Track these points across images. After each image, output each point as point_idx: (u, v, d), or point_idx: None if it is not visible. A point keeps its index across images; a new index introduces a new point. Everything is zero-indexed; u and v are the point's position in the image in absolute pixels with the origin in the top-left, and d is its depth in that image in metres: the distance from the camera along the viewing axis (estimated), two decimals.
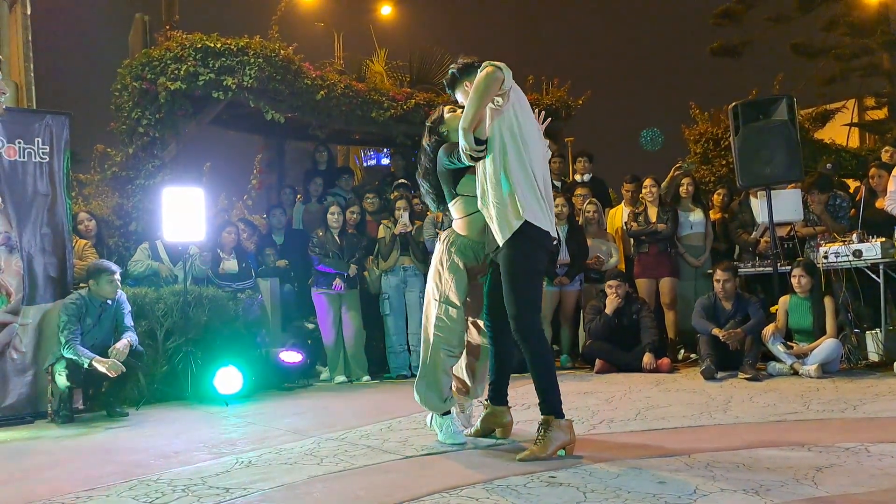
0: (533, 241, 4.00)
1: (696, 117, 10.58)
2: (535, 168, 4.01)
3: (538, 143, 4.15)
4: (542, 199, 4.02)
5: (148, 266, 7.37)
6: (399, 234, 7.88)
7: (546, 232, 4.04)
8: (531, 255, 4.03)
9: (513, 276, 4.01)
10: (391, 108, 9.47)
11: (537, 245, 4.05)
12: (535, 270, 4.11)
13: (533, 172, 3.99)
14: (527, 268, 4.03)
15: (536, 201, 3.98)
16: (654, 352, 7.27)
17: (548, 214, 4.07)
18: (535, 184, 3.99)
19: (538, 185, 4.01)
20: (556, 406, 3.97)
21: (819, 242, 7.33)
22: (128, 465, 4.18)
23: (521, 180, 3.95)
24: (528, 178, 3.97)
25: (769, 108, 7.59)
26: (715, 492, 3.09)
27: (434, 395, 4.37)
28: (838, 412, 4.83)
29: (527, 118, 4.07)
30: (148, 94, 8.06)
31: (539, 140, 4.18)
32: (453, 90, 4.35)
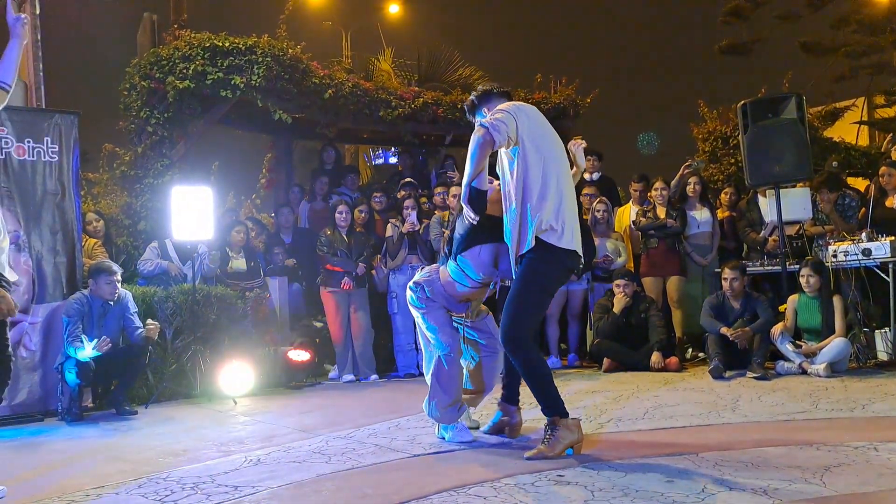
0: (552, 260, 4.00)
1: (704, 115, 10.54)
2: (560, 187, 4.02)
3: (560, 163, 4.12)
4: (567, 219, 4.01)
5: (157, 265, 7.39)
6: (406, 232, 7.89)
7: (570, 251, 4.02)
8: (546, 274, 4.04)
9: (520, 288, 4.02)
10: (399, 106, 9.48)
11: (557, 264, 4.05)
12: (545, 289, 4.11)
13: (559, 191, 3.99)
14: (537, 284, 4.03)
15: (561, 221, 3.97)
16: (662, 351, 7.26)
17: (573, 233, 4.05)
18: (560, 204, 3.98)
19: (564, 204, 4.00)
20: (558, 407, 3.97)
21: (828, 241, 7.31)
22: (137, 462, 4.20)
23: (544, 202, 3.95)
24: (551, 198, 3.96)
25: (778, 106, 7.57)
26: (723, 491, 3.09)
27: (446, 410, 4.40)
28: (847, 411, 4.82)
29: (543, 142, 4.03)
30: (156, 93, 8.08)
31: (561, 159, 4.15)
32: (472, 116, 4.35)
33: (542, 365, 4.09)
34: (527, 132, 3.99)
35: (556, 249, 3.97)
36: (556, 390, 4.03)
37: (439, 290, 4.44)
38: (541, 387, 4.02)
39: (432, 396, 4.44)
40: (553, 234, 3.96)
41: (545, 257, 3.97)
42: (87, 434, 5.35)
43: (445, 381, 4.40)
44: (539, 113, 4.17)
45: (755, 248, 8.04)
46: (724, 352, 6.74)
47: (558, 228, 3.96)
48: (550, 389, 4.00)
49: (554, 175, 4.01)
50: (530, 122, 4.03)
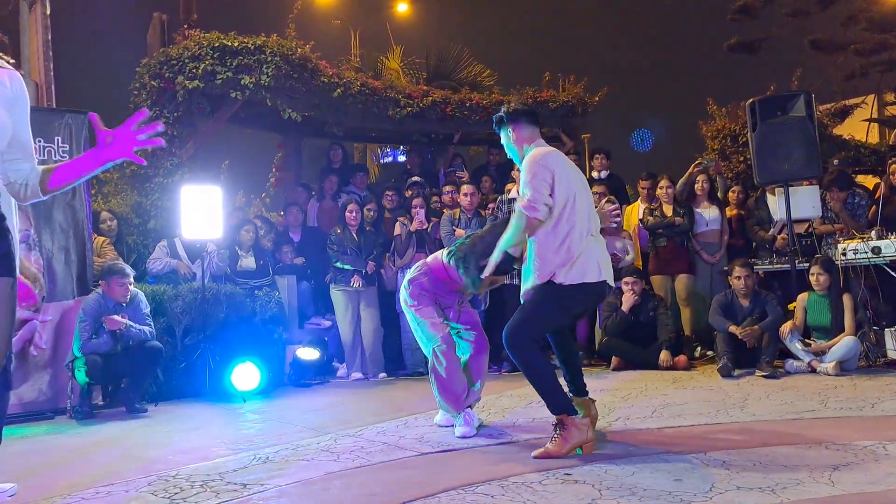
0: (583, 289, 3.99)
1: (713, 113, 10.52)
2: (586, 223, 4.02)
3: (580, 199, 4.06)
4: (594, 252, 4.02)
5: (166, 263, 7.42)
6: (415, 231, 7.90)
7: (599, 282, 4.02)
8: (569, 298, 4.03)
9: (540, 299, 4.02)
10: (407, 105, 9.49)
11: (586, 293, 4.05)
12: (564, 309, 4.10)
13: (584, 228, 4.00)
14: (557, 304, 4.02)
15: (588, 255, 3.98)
16: (671, 349, 7.25)
17: (603, 264, 4.05)
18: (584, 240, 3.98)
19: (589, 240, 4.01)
20: (565, 406, 3.96)
21: (837, 239, 7.28)
22: (146, 460, 4.22)
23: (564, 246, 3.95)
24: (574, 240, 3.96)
25: (787, 104, 7.54)
26: (731, 489, 3.09)
27: (445, 396, 4.55)
28: (856, 410, 4.81)
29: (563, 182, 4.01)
30: (166, 92, 8.12)
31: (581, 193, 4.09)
32: (499, 130, 4.33)
33: (544, 365, 4.05)
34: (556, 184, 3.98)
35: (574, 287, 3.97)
36: (561, 389, 4.02)
37: (432, 280, 4.62)
38: (544, 387, 4.00)
39: (438, 391, 4.60)
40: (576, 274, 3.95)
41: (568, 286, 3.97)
42: (98, 431, 5.38)
43: (445, 373, 4.53)
44: (559, 157, 4.14)
45: (764, 246, 8.02)
46: (733, 350, 6.73)
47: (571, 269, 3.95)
48: (555, 389, 4.00)
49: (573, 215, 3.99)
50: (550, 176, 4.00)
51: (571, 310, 4.19)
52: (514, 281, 7.70)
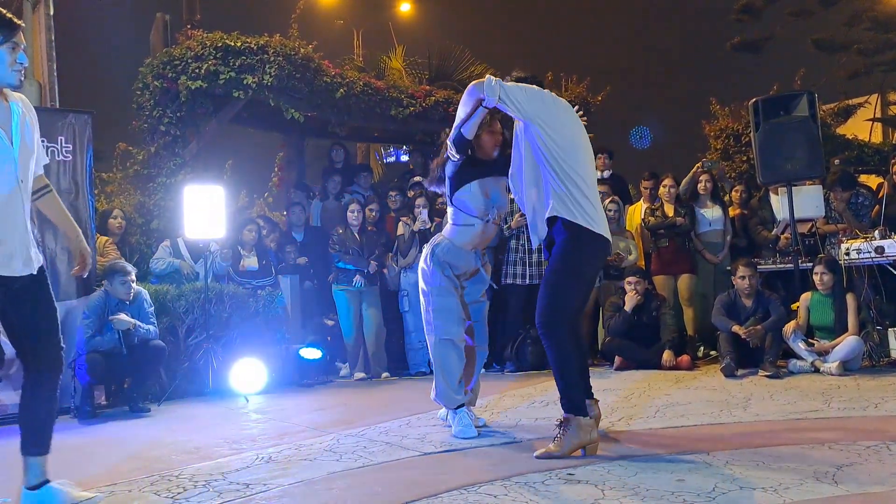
0: (588, 245, 3.96)
1: (716, 113, 10.52)
2: (582, 175, 3.98)
3: (581, 151, 4.07)
4: (592, 206, 3.97)
5: (169, 263, 7.42)
6: (418, 231, 7.90)
7: (600, 236, 3.98)
8: (584, 260, 4.00)
9: (556, 271, 3.98)
10: (410, 105, 9.49)
11: (593, 250, 4.03)
12: (581, 273, 4.06)
13: (581, 178, 3.96)
14: (571, 267, 3.97)
15: (590, 206, 3.94)
16: (674, 349, 7.25)
17: (602, 220, 4.02)
18: (582, 190, 3.94)
19: (588, 191, 3.97)
20: (578, 405, 3.91)
21: (840, 239, 7.28)
22: (149, 460, 4.22)
23: (570, 188, 3.92)
24: (576, 185, 3.92)
25: (790, 103, 7.53)
26: (734, 490, 3.08)
27: (447, 389, 4.52)
28: (860, 410, 4.80)
29: (561, 129, 4.01)
30: (169, 92, 8.12)
31: (582, 147, 4.10)
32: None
33: (573, 359, 3.97)
34: (543, 116, 3.97)
35: (588, 232, 3.92)
36: (579, 388, 3.98)
37: (448, 247, 4.57)
38: (566, 381, 3.94)
39: (437, 381, 4.58)
40: (583, 216, 3.90)
41: (574, 242, 3.93)
42: (100, 431, 5.39)
43: (449, 364, 4.51)
44: (561, 102, 4.18)
45: (767, 245, 8.02)
46: (736, 350, 6.72)
47: (579, 214, 3.91)
48: (574, 386, 3.95)
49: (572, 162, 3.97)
50: (547, 106, 4.02)
51: (585, 268, 4.09)
52: (517, 281, 7.74)
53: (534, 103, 3.99)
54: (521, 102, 3.95)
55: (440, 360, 4.54)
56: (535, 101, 4.01)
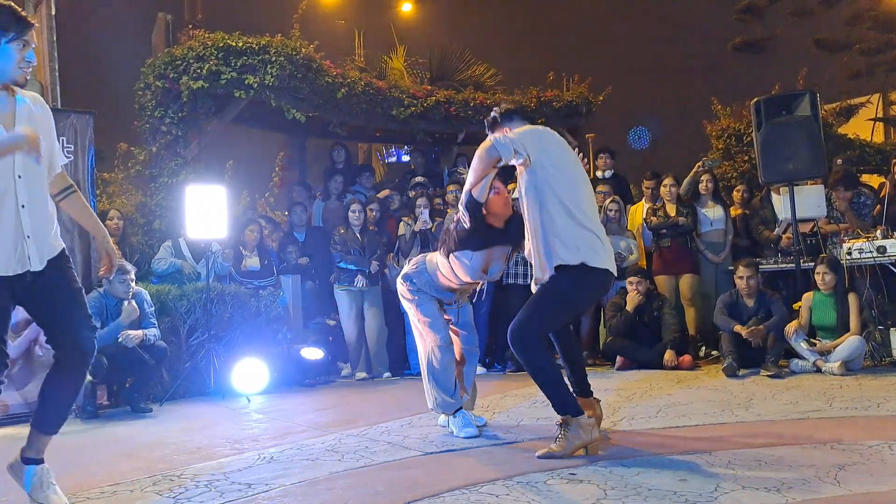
0: (587, 280, 3.96)
1: (718, 113, 10.52)
2: (584, 210, 3.98)
3: (582, 184, 4.07)
4: (598, 239, 3.97)
5: (171, 263, 7.43)
6: (419, 231, 7.91)
7: (603, 270, 3.98)
8: (572, 291, 3.99)
9: (544, 296, 3.99)
10: (411, 105, 9.49)
11: (591, 285, 4.04)
12: (569, 304, 4.09)
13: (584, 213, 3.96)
14: (561, 299, 3.99)
15: (594, 240, 3.95)
16: (676, 349, 7.24)
17: (606, 253, 4.02)
18: (586, 225, 3.94)
19: (591, 226, 3.96)
20: (570, 405, 3.91)
21: (842, 239, 7.27)
22: (151, 460, 4.22)
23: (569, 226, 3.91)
24: (577, 222, 3.92)
25: (792, 103, 7.53)
26: (736, 489, 3.08)
27: (442, 396, 4.52)
28: (862, 410, 4.79)
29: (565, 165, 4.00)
30: (171, 92, 8.12)
31: (582, 180, 4.09)
32: (493, 130, 4.28)
33: (549, 365, 3.99)
34: (546, 156, 3.95)
35: (586, 269, 3.92)
36: (566, 389, 3.98)
37: (427, 280, 4.58)
38: (550, 387, 3.95)
39: (430, 389, 4.58)
40: (578, 254, 3.90)
41: (573, 277, 3.93)
42: (102, 431, 5.39)
43: (440, 372, 4.52)
44: (559, 138, 4.11)
45: (768, 245, 8.01)
46: (738, 350, 6.72)
47: (584, 250, 3.91)
48: (560, 388, 3.95)
49: (575, 198, 3.96)
50: (549, 146, 3.99)
51: (576, 302, 4.16)
52: (518, 281, 7.74)
53: (539, 144, 3.95)
54: (531, 149, 3.91)
55: (433, 369, 4.54)
56: (541, 141, 3.97)
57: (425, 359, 4.61)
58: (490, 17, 27.62)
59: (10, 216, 3.14)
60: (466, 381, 4.70)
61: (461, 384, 4.64)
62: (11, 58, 3.09)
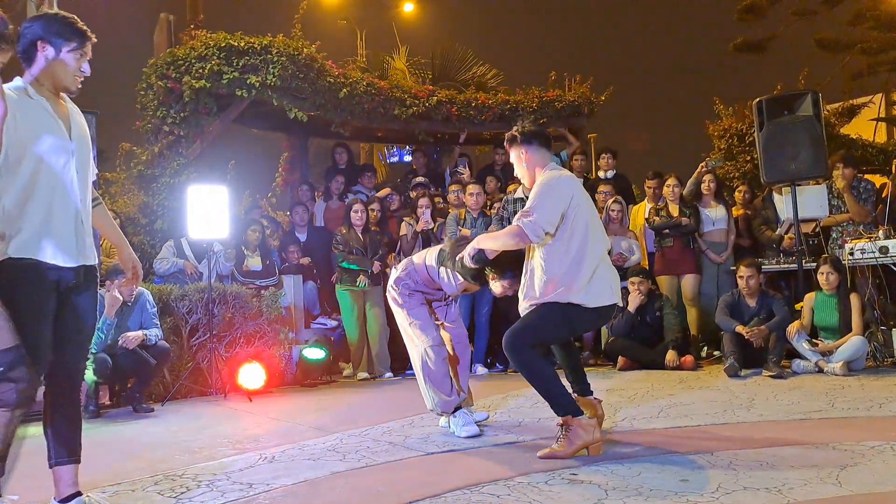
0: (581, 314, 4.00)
1: (720, 113, 10.51)
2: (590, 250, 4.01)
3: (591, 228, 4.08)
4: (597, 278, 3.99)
5: (173, 263, 7.44)
6: (421, 231, 7.91)
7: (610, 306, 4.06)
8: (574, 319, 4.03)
9: (546, 311, 4.00)
10: (413, 105, 9.50)
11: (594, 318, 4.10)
12: (570, 326, 4.12)
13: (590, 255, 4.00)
14: (563, 319, 4.01)
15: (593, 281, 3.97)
16: (678, 349, 7.24)
17: (604, 288, 4.03)
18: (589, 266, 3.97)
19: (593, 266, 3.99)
20: (568, 406, 3.93)
21: (844, 239, 7.26)
22: (153, 460, 4.23)
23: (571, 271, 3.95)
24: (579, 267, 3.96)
25: (794, 103, 7.52)
26: (738, 490, 3.08)
27: (439, 396, 4.55)
28: (864, 410, 4.79)
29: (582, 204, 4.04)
30: (173, 92, 8.13)
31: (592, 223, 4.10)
32: (510, 147, 4.31)
33: (545, 367, 4.01)
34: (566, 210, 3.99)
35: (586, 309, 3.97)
36: (564, 390, 4.00)
37: (419, 280, 4.65)
38: (547, 389, 3.98)
39: (427, 390, 4.62)
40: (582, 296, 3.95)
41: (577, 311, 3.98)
42: (104, 431, 5.39)
43: (435, 373, 4.55)
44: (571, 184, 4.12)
45: (770, 245, 8.00)
46: (740, 350, 6.71)
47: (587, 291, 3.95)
48: (558, 390, 3.97)
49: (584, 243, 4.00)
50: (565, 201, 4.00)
51: (578, 328, 4.25)
52: None
53: (560, 207, 3.97)
54: (555, 219, 3.95)
55: (428, 370, 4.57)
56: (560, 204, 3.98)
57: (419, 361, 4.64)
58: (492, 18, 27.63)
59: (71, 205, 3.12)
60: (462, 379, 4.72)
61: (457, 382, 4.65)
62: (69, 67, 3.16)
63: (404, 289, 4.67)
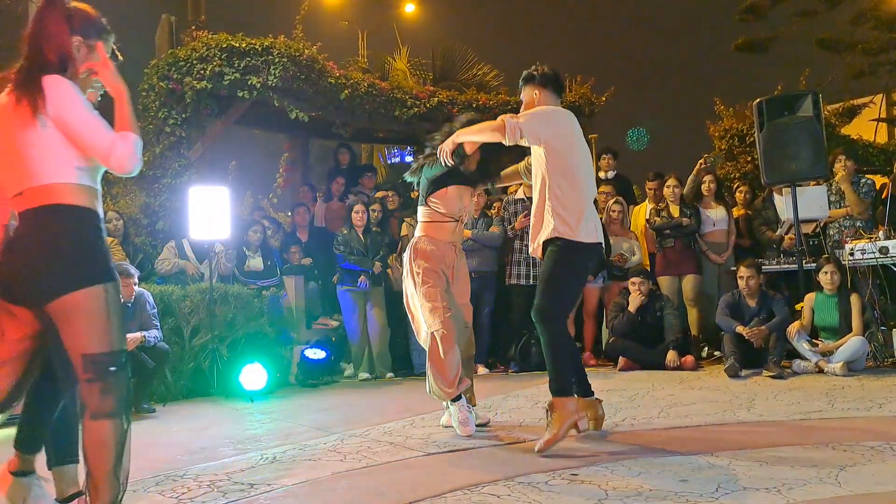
0: (580, 252, 4.18)
1: (720, 113, 10.51)
2: (584, 191, 4.22)
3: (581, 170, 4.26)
4: (590, 216, 4.20)
5: (174, 264, 7.45)
6: None
7: (594, 244, 4.23)
8: (575, 264, 4.21)
9: (551, 274, 4.16)
10: (414, 106, 9.51)
11: (584, 255, 4.22)
12: (576, 275, 4.31)
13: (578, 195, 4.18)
14: (568, 272, 4.19)
15: (586, 220, 4.16)
16: (678, 349, 7.24)
17: (596, 227, 4.25)
18: (583, 204, 4.18)
19: (586, 203, 4.20)
20: (566, 388, 4.09)
21: (844, 238, 7.27)
22: (154, 460, 4.23)
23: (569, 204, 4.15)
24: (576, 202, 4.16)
25: (794, 104, 7.52)
26: (737, 490, 3.09)
27: (439, 380, 4.53)
28: (863, 410, 4.80)
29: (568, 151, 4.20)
30: (174, 93, 8.14)
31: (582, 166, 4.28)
32: (524, 85, 4.46)
33: (570, 343, 4.23)
34: (553, 137, 4.18)
35: (577, 245, 4.14)
36: (571, 374, 4.16)
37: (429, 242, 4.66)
38: (558, 364, 4.11)
39: (433, 375, 4.59)
40: (575, 230, 4.13)
41: (567, 249, 4.14)
42: None
43: (443, 357, 4.49)
44: (570, 118, 4.32)
45: (771, 246, 8.01)
46: (740, 350, 6.72)
47: (581, 225, 4.14)
48: (566, 370, 4.13)
49: (578, 175, 4.21)
50: (559, 128, 4.21)
51: (581, 270, 4.34)
52: (521, 281, 7.74)
53: (547, 130, 4.18)
54: (536, 136, 4.16)
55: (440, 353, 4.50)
56: (548, 127, 4.19)
57: (428, 345, 4.59)
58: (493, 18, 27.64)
59: None
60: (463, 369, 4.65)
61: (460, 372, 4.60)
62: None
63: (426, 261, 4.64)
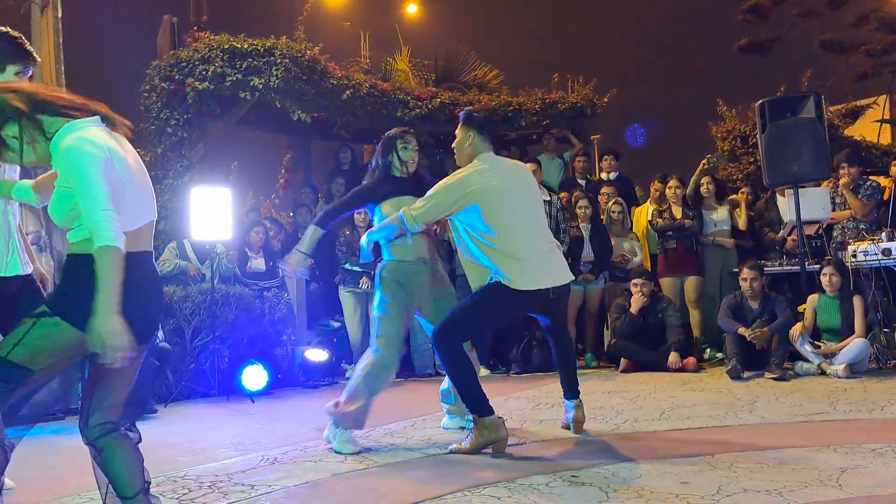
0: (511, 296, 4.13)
1: (723, 114, 10.50)
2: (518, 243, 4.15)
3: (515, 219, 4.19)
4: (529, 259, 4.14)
5: (176, 265, 7.44)
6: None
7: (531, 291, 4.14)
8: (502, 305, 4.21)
9: (473, 302, 4.20)
10: (416, 107, 9.52)
11: (515, 300, 4.18)
12: (498, 313, 4.33)
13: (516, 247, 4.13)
14: (490, 308, 4.23)
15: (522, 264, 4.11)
16: (680, 351, 7.23)
17: (539, 271, 4.17)
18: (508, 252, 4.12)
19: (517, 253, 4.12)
20: (481, 405, 4.11)
21: (847, 240, 7.25)
22: (155, 461, 4.22)
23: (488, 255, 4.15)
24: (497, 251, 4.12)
25: (797, 105, 7.51)
26: (738, 492, 3.08)
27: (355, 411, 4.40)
28: (866, 413, 4.79)
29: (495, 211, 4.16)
30: (176, 94, 8.15)
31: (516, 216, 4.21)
32: (461, 125, 4.72)
33: (468, 364, 4.18)
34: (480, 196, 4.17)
35: (516, 292, 4.11)
36: (480, 389, 4.16)
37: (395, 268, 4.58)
38: (465, 385, 4.17)
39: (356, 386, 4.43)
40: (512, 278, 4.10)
41: (504, 293, 4.13)
42: None
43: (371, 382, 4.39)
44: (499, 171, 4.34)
45: (774, 247, 7.99)
46: (742, 352, 6.71)
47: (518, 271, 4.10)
48: (474, 388, 4.15)
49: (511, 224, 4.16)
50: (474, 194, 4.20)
51: (507, 314, 4.42)
52: None
53: (457, 204, 4.21)
54: (443, 212, 4.26)
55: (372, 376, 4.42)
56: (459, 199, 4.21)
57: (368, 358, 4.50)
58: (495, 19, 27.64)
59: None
60: None
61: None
62: None
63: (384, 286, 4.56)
